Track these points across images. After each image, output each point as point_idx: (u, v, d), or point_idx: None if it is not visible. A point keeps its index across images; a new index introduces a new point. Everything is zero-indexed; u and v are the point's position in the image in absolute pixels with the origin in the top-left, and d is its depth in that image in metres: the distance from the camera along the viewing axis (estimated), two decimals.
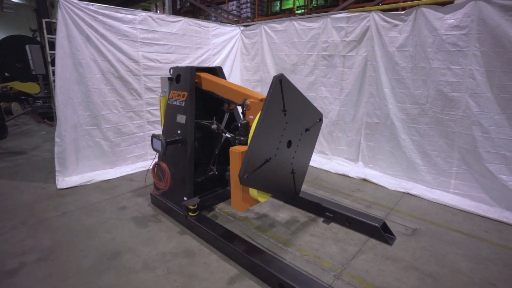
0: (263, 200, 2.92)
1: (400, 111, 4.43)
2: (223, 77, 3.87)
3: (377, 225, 3.13)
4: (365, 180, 4.69)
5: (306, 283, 2.32)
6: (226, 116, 3.66)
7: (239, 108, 5.22)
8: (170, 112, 3.64)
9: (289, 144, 2.90)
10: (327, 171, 5.09)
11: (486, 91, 3.65)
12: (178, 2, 10.76)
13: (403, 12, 4.18)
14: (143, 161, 5.16)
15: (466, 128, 3.85)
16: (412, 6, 4.08)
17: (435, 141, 4.18)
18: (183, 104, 3.45)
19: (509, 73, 3.48)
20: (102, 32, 4.41)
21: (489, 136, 3.69)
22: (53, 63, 5.11)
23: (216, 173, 3.92)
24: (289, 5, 14.56)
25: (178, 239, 3.14)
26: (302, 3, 12.95)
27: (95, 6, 4.31)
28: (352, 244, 3.09)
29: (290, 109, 2.77)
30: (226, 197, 4.03)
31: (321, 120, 3.23)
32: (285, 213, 3.72)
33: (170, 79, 3.69)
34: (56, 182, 4.36)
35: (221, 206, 3.88)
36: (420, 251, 2.97)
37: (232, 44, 6.28)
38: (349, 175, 4.86)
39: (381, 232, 3.10)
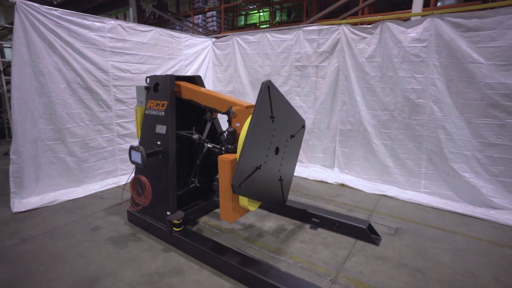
0: (253, 209, 2.86)
1: (372, 117, 4.70)
2: (203, 86, 3.80)
3: (363, 227, 3.21)
4: (343, 185, 4.84)
5: None
6: (208, 125, 3.58)
7: (222, 117, 5.18)
8: (148, 123, 3.45)
9: (277, 151, 2.90)
10: (305, 178, 5.17)
11: (446, 97, 4.02)
12: (146, 14, 10.48)
13: (370, 26, 4.50)
14: (114, 177, 4.80)
15: (432, 131, 4.18)
16: (377, 21, 4.41)
17: (404, 145, 4.48)
18: (163, 113, 3.30)
19: (464, 81, 3.88)
20: (67, 39, 4.10)
21: (452, 138, 4.04)
22: (5, 71, 4.62)
23: (198, 185, 3.77)
24: (253, 20, 14.98)
25: (163, 257, 2.92)
26: (267, 18, 13.39)
27: (59, 12, 4.01)
28: (342, 247, 3.12)
29: (277, 116, 2.79)
30: (209, 209, 3.88)
31: (304, 127, 3.29)
32: (271, 222, 3.66)
33: (147, 88, 3.52)
34: (11, 205, 3.86)
35: (204, 219, 3.72)
36: (405, 249, 3.09)
37: (204, 55, 6.23)
38: (328, 181, 4.98)
39: (368, 234, 3.19)
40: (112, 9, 11.67)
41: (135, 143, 4.98)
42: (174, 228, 3.09)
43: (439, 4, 6.87)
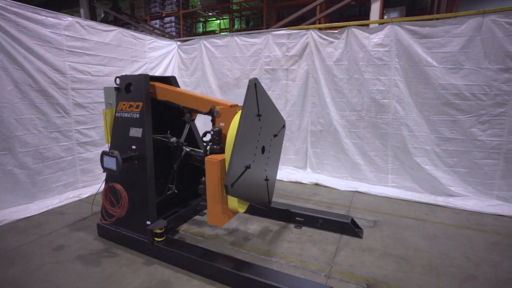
0: (243, 211, 2.78)
1: (341, 118, 4.92)
2: (178, 87, 3.62)
3: (347, 221, 3.31)
4: (317, 184, 4.95)
5: None
6: (187, 127, 3.41)
7: (202, 118, 5.00)
8: (119, 126, 3.17)
9: (263, 150, 2.86)
10: (280, 180, 5.19)
11: (408, 97, 4.39)
12: (100, 16, 9.77)
13: (336, 31, 4.75)
14: (75, 190, 4.30)
15: (396, 129, 4.51)
16: (343, 26, 4.68)
17: (372, 142, 4.76)
18: (138, 115, 3.06)
19: (421, 82, 4.28)
20: (15, 35, 3.62)
21: (414, 134, 4.41)
22: None
23: (176, 191, 3.55)
24: (212, 27, 14.93)
25: (146, 271, 2.66)
26: (227, 26, 13.44)
27: (3, 2, 3.52)
28: (328, 243, 3.16)
29: (263, 114, 2.76)
30: (188, 217, 3.67)
31: (284, 126, 3.31)
32: (255, 224, 3.58)
33: (117, 89, 3.24)
34: None
35: (185, 227, 3.49)
36: (386, 239, 3.24)
37: (169, 58, 5.99)
38: (302, 182, 5.07)
39: (352, 228, 3.28)
40: (59, 9, 10.70)
41: (98, 151, 4.55)
42: (155, 239, 2.84)
43: (385, 17, 7.57)
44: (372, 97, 4.60)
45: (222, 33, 6.00)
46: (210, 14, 12.95)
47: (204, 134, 2.93)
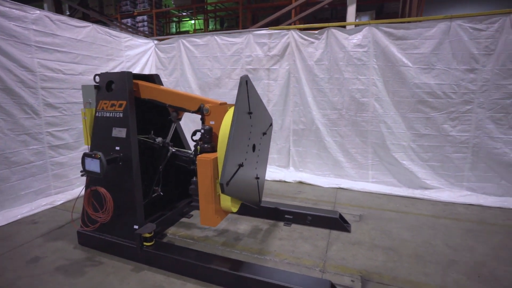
0: (235, 210, 2.73)
1: (323, 116, 5.03)
2: (162, 85, 3.50)
3: (336, 217, 3.38)
4: (301, 182, 5.02)
5: (314, 284, 2.24)
6: (173, 127, 3.30)
7: (189, 116, 4.84)
8: (100, 126, 2.99)
9: (254, 148, 2.84)
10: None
11: (385, 96, 4.60)
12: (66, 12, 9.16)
13: (316, 32, 4.86)
14: (47, 197, 3.98)
15: (375, 126, 4.70)
16: (323, 27, 4.80)
17: (352, 140, 4.92)
18: (122, 115, 2.91)
19: (397, 81, 4.50)
20: None
21: (392, 131, 4.62)
22: None
23: (161, 194, 3.42)
24: (186, 27, 14.66)
25: (136, 279, 2.52)
26: (201, 26, 13.26)
27: None
28: (319, 239, 3.21)
29: (254, 112, 2.74)
30: (175, 220, 3.55)
31: (271, 125, 3.32)
32: (244, 224, 3.54)
33: (97, 87, 3.06)
34: None
35: (172, 230, 3.37)
36: (373, 232, 3.35)
37: (146, 57, 5.77)
38: (286, 180, 5.10)
39: (340, 223, 3.36)
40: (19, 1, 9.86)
41: (72, 155, 4.28)
42: (144, 243, 2.70)
43: (356, 20, 7.89)
44: (352, 96, 4.76)
45: (201, 33, 5.89)
46: (184, 14, 12.72)
47: (194, 133, 2.84)
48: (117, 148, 2.88)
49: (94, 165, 2.63)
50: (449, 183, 4.47)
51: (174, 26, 14.30)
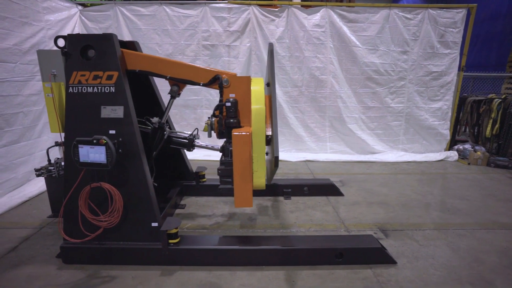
0: (264, 188, 2.61)
1: (284, 94, 5.19)
2: None
3: (331, 183, 3.64)
4: None
5: (361, 240, 2.40)
6: (170, 103, 2.81)
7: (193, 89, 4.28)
8: (79, 106, 2.29)
9: None
10: None
11: (340, 74, 5.09)
12: None
13: (277, 9, 4.88)
14: None
15: (333, 101, 5.17)
16: (283, 5, 4.86)
17: (312, 115, 5.28)
18: (114, 89, 2.30)
19: (350, 60, 5.03)
20: None
21: (347, 105, 5.18)
22: None
23: (156, 185, 2.91)
24: None
25: (175, 283, 2.12)
26: None
27: None
28: (323, 205, 3.40)
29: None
30: (171, 213, 3.10)
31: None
32: None
33: (65, 53, 2.30)
34: None
35: None
36: (361, 192, 3.78)
37: (72, 25, 4.59)
38: None
39: (336, 188, 3.64)
40: None
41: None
42: (170, 241, 2.29)
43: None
44: (311, 74, 5.06)
45: (145, 0, 5.02)
46: None
47: (217, 108, 2.50)
48: (112, 132, 2.28)
49: (96, 155, 2.02)
50: (389, 146, 5.39)
51: None
